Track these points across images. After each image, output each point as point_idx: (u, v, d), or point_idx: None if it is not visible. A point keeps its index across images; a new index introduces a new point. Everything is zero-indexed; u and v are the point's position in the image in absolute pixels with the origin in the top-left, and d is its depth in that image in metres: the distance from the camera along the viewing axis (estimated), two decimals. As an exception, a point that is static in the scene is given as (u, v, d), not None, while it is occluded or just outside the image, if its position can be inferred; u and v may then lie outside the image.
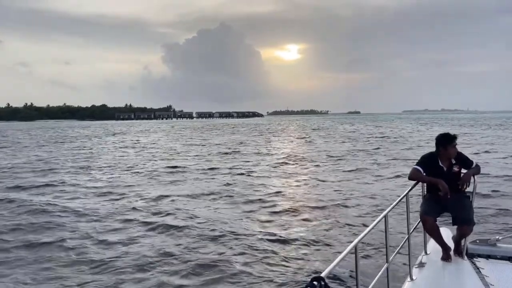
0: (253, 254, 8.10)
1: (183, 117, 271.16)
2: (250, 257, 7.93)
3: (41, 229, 9.74)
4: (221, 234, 9.30)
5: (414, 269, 4.38)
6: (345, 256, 2.65)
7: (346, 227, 9.69)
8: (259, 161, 23.79)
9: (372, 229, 3.24)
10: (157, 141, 45.36)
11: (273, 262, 7.64)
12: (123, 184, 16.33)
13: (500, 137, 39.79)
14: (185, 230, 9.52)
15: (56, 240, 8.94)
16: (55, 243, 8.76)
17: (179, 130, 78.33)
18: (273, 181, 16.71)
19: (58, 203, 12.62)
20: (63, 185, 16.33)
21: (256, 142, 41.21)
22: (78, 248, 8.42)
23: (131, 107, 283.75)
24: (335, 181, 16.02)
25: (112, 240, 8.89)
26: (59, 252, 8.22)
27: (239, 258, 7.86)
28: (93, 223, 10.31)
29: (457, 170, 4.63)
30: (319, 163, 22.15)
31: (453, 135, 4.63)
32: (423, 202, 4.70)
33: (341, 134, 53.40)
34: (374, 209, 11.08)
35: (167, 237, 9.14)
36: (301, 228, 9.71)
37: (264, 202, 12.48)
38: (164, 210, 11.51)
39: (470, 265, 4.42)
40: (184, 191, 14.53)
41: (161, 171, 20.05)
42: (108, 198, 13.52)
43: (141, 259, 7.76)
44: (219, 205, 12.33)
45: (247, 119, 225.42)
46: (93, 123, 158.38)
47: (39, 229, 9.74)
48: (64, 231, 9.58)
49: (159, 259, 7.79)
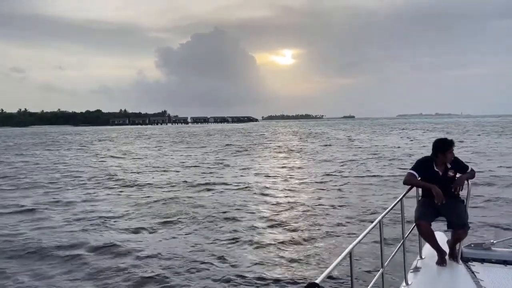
0: (247, 260, 8.04)
1: (178, 122, 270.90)
2: (243, 263, 7.88)
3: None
4: (212, 241, 9.25)
5: (409, 274, 4.35)
6: (340, 261, 2.63)
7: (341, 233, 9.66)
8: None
9: (367, 234, 3.22)
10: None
11: (267, 269, 7.58)
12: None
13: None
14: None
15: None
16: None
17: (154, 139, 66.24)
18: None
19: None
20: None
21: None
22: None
23: (126, 112, 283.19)
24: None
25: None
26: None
27: (231, 265, 7.81)
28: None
29: (453, 175, 4.64)
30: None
31: (450, 140, 4.64)
32: (418, 207, 4.69)
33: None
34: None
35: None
36: (294, 235, 9.67)
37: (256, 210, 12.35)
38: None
39: (465, 269, 4.41)
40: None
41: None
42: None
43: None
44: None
45: (241, 124, 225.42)
46: (86, 129, 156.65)
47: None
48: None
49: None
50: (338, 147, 38.31)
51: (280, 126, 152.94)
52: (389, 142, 43.07)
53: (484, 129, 71.77)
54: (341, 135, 64.44)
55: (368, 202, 12.74)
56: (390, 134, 63.32)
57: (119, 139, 68.21)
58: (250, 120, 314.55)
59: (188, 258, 8.22)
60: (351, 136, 59.57)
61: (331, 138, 56.04)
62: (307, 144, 45.58)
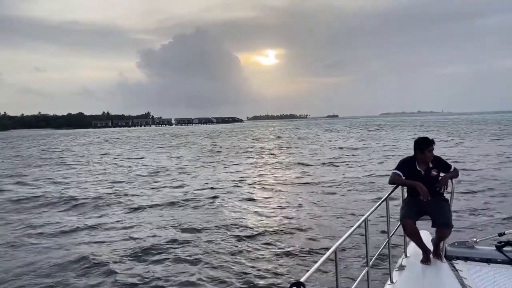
0: (230, 260, 7.99)
1: (162, 124, 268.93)
2: (227, 263, 7.83)
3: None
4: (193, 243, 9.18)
5: (394, 272, 4.38)
6: (325, 260, 2.62)
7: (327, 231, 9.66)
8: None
9: (352, 233, 3.22)
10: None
11: (251, 269, 7.52)
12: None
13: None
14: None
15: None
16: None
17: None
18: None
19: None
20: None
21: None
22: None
23: (109, 114, 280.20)
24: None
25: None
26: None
27: (216, 265, 7.75)
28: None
29: (436, 174, 4.66)
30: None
31: (431, 139, 4.68)
32: (403, 206, 4.72)
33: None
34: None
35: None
36: (279, 233, 9.65)
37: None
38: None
39: (449, 268, 4.45)
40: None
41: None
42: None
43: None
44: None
45: (226, 125, 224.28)
46: (69, 132, 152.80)
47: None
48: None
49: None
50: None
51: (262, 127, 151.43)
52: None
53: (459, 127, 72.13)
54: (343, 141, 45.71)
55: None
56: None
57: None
58: (235, 120, 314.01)
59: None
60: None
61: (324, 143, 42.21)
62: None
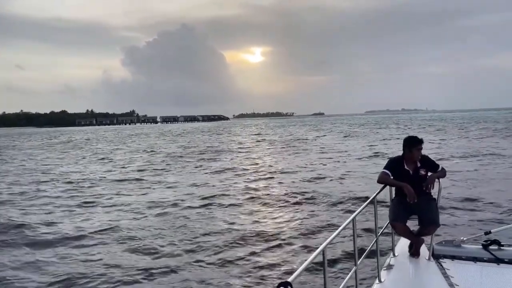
0: (218, 259, 7.95)
1: (147, 122, 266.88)
2: (214, 262, 7.79)
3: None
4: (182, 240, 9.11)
5: (383, 271, 4.39)
6: (313, 260, 2.60)
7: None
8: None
9: (340, 232, 3.21)
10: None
11: (239, 268, 7.49)
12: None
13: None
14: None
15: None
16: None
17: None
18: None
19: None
20: None
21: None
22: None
23: (93, 112, 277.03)
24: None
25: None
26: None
27: (203, 265, 7.70)
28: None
29: (424, 174, 4.69)
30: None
31: (420, 138, 4.70)
32: (391, 206, 4.73)
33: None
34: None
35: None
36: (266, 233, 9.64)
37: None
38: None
39: (436, 266, 4.49)
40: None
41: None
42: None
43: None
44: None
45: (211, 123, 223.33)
46: (49, 130, 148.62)
47: None
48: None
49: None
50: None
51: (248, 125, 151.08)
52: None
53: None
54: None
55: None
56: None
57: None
58: (221, 118, 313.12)
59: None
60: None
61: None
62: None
